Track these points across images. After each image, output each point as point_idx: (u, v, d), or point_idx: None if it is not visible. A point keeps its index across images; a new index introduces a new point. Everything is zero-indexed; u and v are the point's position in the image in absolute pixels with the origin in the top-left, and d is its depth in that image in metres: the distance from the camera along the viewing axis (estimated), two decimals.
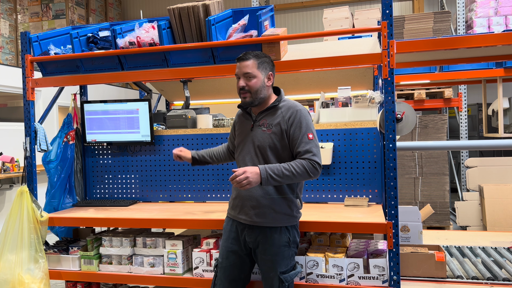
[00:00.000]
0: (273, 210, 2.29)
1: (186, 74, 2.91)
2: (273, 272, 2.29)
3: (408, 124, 2.67)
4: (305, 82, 3.70)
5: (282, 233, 2.31)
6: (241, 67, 2.31)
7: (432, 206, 5.33)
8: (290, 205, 2.34)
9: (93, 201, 3.43)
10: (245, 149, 2.37)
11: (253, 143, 2.34)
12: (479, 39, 2.50)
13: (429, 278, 2.75)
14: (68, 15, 8.33)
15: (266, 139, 2.31)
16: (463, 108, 6.49)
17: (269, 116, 2.35)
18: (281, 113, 2.32)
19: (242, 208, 2.34)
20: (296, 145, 2.27)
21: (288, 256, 2.33)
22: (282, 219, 2.31)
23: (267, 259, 2.30)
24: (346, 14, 5.92)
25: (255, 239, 2.32)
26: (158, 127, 3.52)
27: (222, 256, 2.42)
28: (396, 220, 2.44)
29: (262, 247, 2.30)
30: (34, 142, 3.14)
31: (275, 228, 2.30)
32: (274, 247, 2.28)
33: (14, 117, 6.68)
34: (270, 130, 2.31)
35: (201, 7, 2.90)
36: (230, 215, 2.45)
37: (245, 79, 2.30)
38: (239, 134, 2.45)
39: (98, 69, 3.08)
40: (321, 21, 9.00)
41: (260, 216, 2.29)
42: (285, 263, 2.31)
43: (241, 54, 2.34)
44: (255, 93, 2.30)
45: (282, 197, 2.31)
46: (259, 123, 2.35)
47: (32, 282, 2.84)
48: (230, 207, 2.46)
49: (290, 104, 2.35)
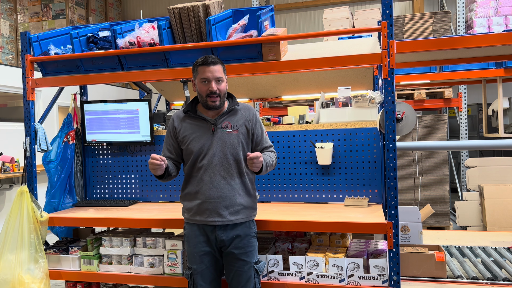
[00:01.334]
0: (244, 207, 2.42)
1: (186, 74, 2.91)
2: (247, 265, 2.38)
3: (408, 124, 2.67)
4: (305, 82, 3.70)
5: (251, 226, 2.46)
6: (212, 71, 2.33)
7: (432, 206, 5.34)
8: (254, 200, 2.51)
9: (93, 201, 3.43)
10: (211, 152, 2.37)
11: (222, 145, 2.38)
12: (479, 39, 2.50)
13: (429, 278, 2.76)
14: (68, 15, 8.34)
15: (234, 139, 2.40)
16: (463, 108, 6.48)
17: (230, 117, 2.44)
18: (242, 114, 2.46)
19: (213, 210, 2.36)
20: (262, 141, 2.51)
21: (256, 247, 2.48)
22: (251, 213, 2.47)
23: (241, 253, 2.38)
24: (346, 14, 5.93)
25: (228, 237, 2.37)
26: (158, 127, 3.52)
27: (195, 262, 2.41)
28: (396, 220, 2.44)
29: (236, 242, 2.38)
30: (34, 142, 3.14)
31: (246, 223, 2.43)
32: (246, 239, 2.40)
33: (14, 117, 6.69)
34: (237, 131, 2.42)
35: (201, 7, 2.90)
36: (194, 221, 2.42)
37: (217, 83, 2.35)
38: (194, 139, 2.40)
39: (98, 69, 3.08)
40: (321, 21, 9.01)
41: (234, 214, 2.38)
42: (256, 254, 2.45)
43: (206, 58, 2.34)
44: (223, 96, 2.40)
45: (249, 194, 2.46)
46: (222, 126, 2.40)
47: (32, 282, 2.84)
48: (192, 213, 2.42)
49: (246, 106, 2.51)
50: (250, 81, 3.80)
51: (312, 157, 3.14)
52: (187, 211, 2.46)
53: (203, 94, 2.37)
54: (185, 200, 2.48)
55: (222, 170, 2.37)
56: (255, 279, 2.39)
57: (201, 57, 2.39)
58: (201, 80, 2.36)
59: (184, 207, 2.49)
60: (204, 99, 2.38)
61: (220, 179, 2.37)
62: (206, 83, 2.34)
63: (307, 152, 3.15)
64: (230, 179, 2.38)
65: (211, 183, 2.36)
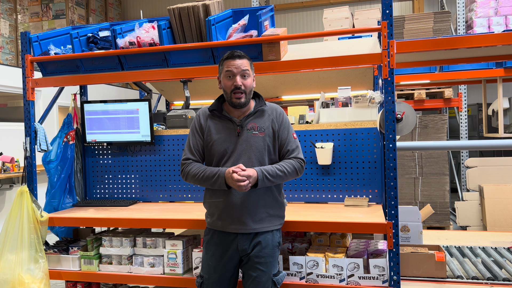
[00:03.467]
0: (269, 214, 2.29)
1: (186, 74, 2.91)
2: (266, 276, 2.25)
3: (408, 124, 2.67)
4: (305, 82, 3.70)
5: (275, 235, 2.32)
6: (238, 65, 2.21)
7: (432, 206, 5.33)
8: (281, 207, 2.38)
9: (93, 201, 3.43)
10: (235, 155, 2.25)
11: (247, 148, 2.25)
12: (479, 39, 2.50)
13: (429, 278, 2.75)
14: (68, 15, 8.34)
15: (260, 143, 2.27)
16: (463, 108, 6.49)
17: (257, 119, 2.30)
18: (268, 116, 2.32)
19: (235, 218, 2.24)
20: (285, 144, 2.31)
21: (278, 258, 2.36)
22: (276, 221, 2.34)
23: (261, 262, 2.25)
24: (346, 14, 5.93)
25: (250, 245, 2.26)
26: (158, 127, 3.52)
27: (208, 272, 2.31)
28: (396, 220, 2.44)
29: (256, 251, 2.25)
30: (34, 142, 3.14)
31: (270, 232, 2.30)
32: (268, 249, 2.28)
33: (14, 117, 6.68)
34: (263, 133, 2.28)
35: (201, 7, 2.90)
36: (215, 226, 2.31)
37: (242, 78, 2.22)
38: (218, 140, 2.27)
39: (98, 69, 3.08)
40: (321, 21, 9.00)
41: (258, 222, 2.26)
42: (276, 265, 2.34)
43: (233, 52, 2.23)
44: (249, 93, 2.26)
45: (275, 201, 2.33)
46: (248, 127, 2.27)
47: (32, 282, 2.84)
48: (215, 219, 2.30)
49: (273, 106, 2.37)
50: None
51: (312, 157, 3.14)
52: (209, 216, 2.35)
53: (227, 90, 2.24)
54: (208, 205, 2.37)
55: None
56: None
57: (228, 52, 2.27)
58: (225, 74, 2.23)
59: (207, 212, 2.38)
60: (229, 96, 2.24)
61: None
62: (231, 77, 2.22)
63: (307, 152, 3.15)
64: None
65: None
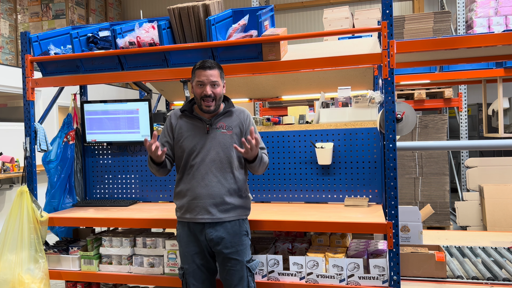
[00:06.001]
0: (234, 205, 2.44)
1: (186, 74, 2.91)
2: (239, 264, 2.40)
3: (408, 124, 2.68)
4: (305, 82, 3.70)
5: (241, 225, 2.47)
6: (208, 75, 2.39)
7: (432, 206, 5.34)
8: (246, 200, 2.53)
9: (93, 201, 3.43)
10: (204, 151, 2.42)
11: (215, 144, 2.43)
12: (479, 39, 2.50)
13: (429, 278, 2.76)
14: (68, 15, 8.33)
15: (228, 140, 2.45)
16: (463, 108, 6.49)
17: (225, 119, 2.49)
18: (237, 116, 2.52)
19: (202, 208, 2.39)
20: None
21: (248, 245, 2.48)
22: (242, 213, 2.49)
23: (232, 252, 2.39)
24: (346, 14, 5.93)
25: (218, 235, 2.39)
26: (158, 127, 3.52)
27: (187, 261, 2.45)
28: (396, 220, 2.44)
29: (226, 241, 2.39)
30: (34, 142, 3.14)
31: (236, 221, 2.45)
32: (237, 238, 2.42)
33: (14, 117, 6.68)
34: (231, 132, 2.47)
35: (201, 7, 2.90)
36: (184, 219, 2.46)
37: (212, 87, 2.40)
38: (188, 137, 2.47)
39: (98, 69, 3.08)
40: (321, 21, 9.01)
41: (224, 212, 2.41)
42: (248, 252, 2.46)
43: (203, 62, 2.41)
44: (218, 100, 2.45)
45: (240, 195, 2.47)
46: (217, 126, 2.46)
47: (32, 282, 2.84)
48: (183, 211, 2.46)
49: (240, 109, 2.57)
50: (250, 81, 3.80)
51: (312, 157, 3.14)
52: (178, 209, 2.50)
53: (198, 96, 2.43)
54: (177, 199, 2.51)
55: (214, 169, 2.41)
56: (248, 277, 2.42)
57: (200, 61, 2.45)
58: (197, 83, 2.42)
59: (176, 206, 2.52)
60: (199, 102, 2.44)
61: (211, 177, 2.40)
62: (201, 86, 2.41)
63: (307, 152, 3.15)
64: (221, 177, 2.41)
65: (202, 180, 2.40)
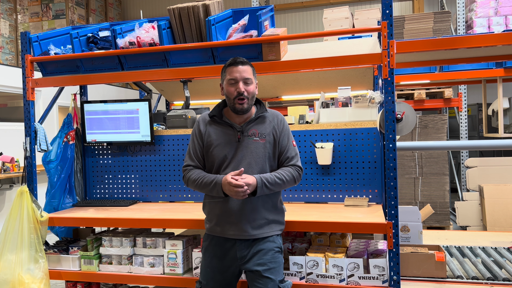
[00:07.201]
0: (268, 221, 2.29)
1: (186, 74, 2.91)
2: (271, 283, 2.21)
3: (408, 124, 2.67)
4: (305, 82, 3.70)
5: (275, 241, 2.31)
6: (241, 71, 2.23)
7: (432, 206, 5.33)
8: (280, 213, 2.37)
9: (93, 201, 3.43)
10: (235, 161, 2.25)
11: (247, 154, 2.25)
12: (479, 39, 2.50)
13: (429, 278, 2.75)
14: (68, 15, 8.33)
15: (261, 149, 2.27)
16: (463, 108, 6.49)
17: (258, 125, 2.30)
18: (270, 122, 2.32)
19: (234, 223, 2.24)
20: (285, 152, 2.32)
21: (282, 263, 2.32)
22: (276, 227, 2.33)
23: (265, 269, 2.22)
24: (346, 14, 5.93)
25: (249, 252, 2.24)
26: (158, 127, 3.52)
27: (207, 278, 2.30)
28: (396, 220, 2.44)
29: (257, 258, 2.24)
30: (34, 142, 3.14)
31: (269, 237, 2.29)
32: (269, 254, 2.25)
33: (14, 117, 6.69)
34: (264, 140, 2.28)
35: (201, 7, 2.90)
36: (214, 232, 2.30)
37: (245, 85, 2.24)
38: (218, 146, 2.28)
39: (98, 69, 3.08)
40: (321, 21, 9.00)
41: (256, 228, 2.25)
42: (281, 271, 2.29)
43: (235, 59, 2.26)
44: (251, 99, 2.27)
45: (274, 207, 2.32)
46: (249, 133, 2.27)
47: (32, 282, 2.84)
48: (212, 224, 2.31)
49: (274, 113, 2.37)
50: None
51: (312, 157, 3.14)
52: (208, 221, 2.35)
53: (231, 96, 2.24)
54: (207, 210, 2.37)
55: None
56: None
57: (230, 58, 2.28)
58: (228, 81, 2.24)
59: (206, 218, 2.38)
60: (232, 102, 2.25)
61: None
62: (234, 84, 2.23)
63: (307, 152, 3.15)
64: None
65: None
